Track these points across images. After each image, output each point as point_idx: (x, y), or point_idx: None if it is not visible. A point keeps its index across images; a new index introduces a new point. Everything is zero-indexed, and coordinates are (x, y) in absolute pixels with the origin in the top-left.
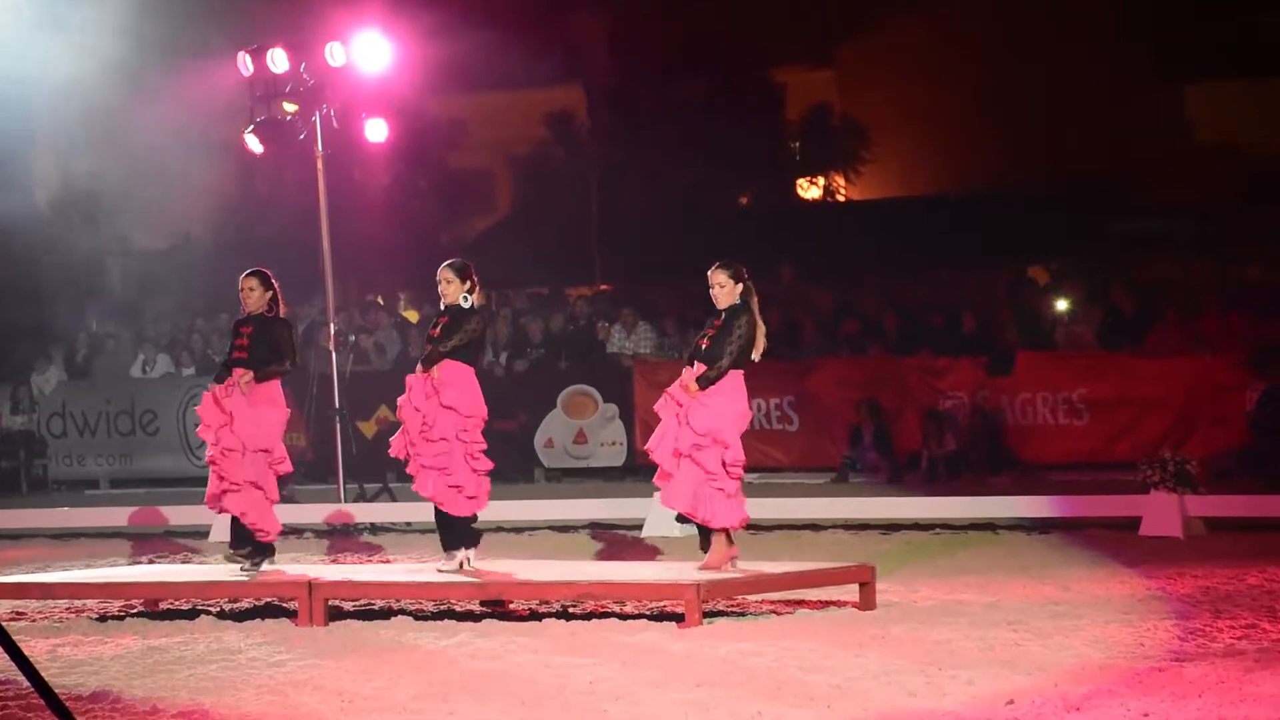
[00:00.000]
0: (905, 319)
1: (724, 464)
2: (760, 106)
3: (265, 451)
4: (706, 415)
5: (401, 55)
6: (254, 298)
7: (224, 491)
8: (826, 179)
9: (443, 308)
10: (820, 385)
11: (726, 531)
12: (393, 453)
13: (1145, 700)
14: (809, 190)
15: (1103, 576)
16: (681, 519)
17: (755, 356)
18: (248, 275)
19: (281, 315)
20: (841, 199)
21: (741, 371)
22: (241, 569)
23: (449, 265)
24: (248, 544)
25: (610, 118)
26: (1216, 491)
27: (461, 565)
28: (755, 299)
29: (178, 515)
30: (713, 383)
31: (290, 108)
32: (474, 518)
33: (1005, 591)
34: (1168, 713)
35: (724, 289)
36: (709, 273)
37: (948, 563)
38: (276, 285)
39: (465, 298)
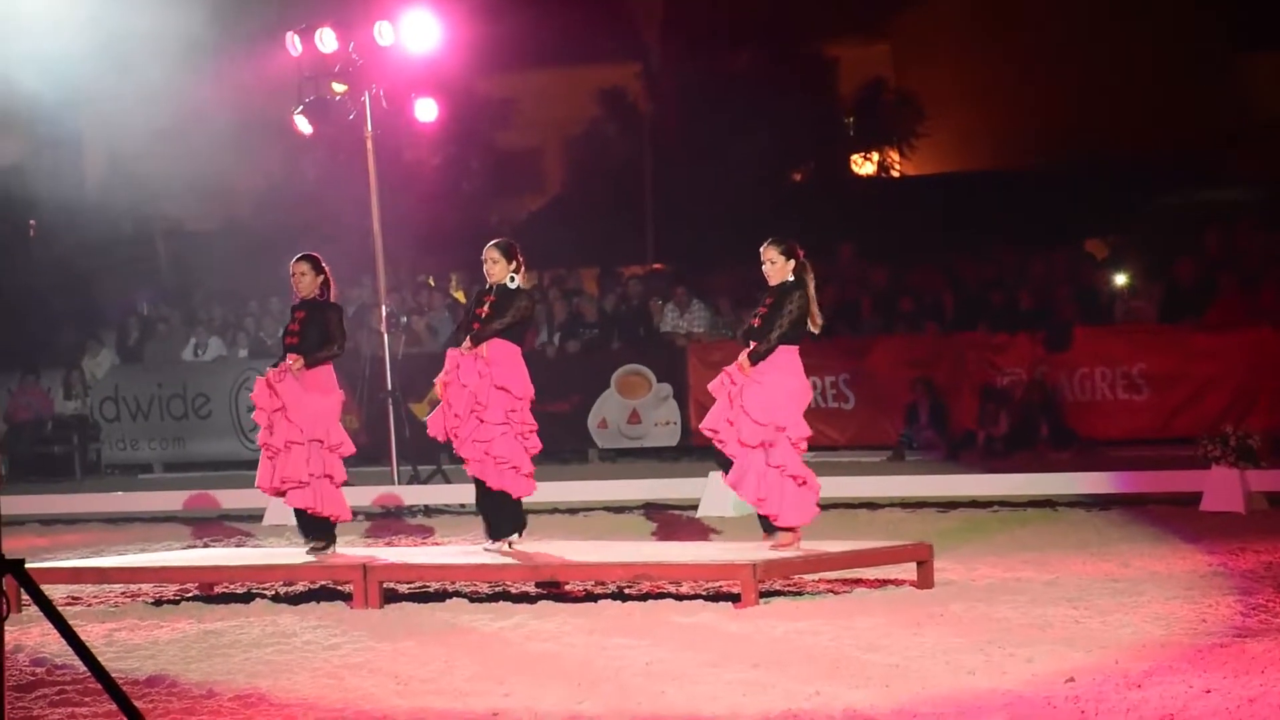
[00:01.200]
0: (962, 295)
1: (791, 444)
2: (813, 82)
3: (320, 441)
4: (761, 397)
5: (451, 33)
6: (305, 282)
7: (288, 489)
8: (881, 155)
9: (488, 287)
10: (876, 363)
11: None
12: (431, 433)
13: (1207, 677)
14: (863, 166)
15: (1163, 553)
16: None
17: (814, 330)
18: (298, 260)
19: (332, 299)
20: (896, 175)
21: (796, 348)
22: (308, 551)
23: (495, 245)
24: (317, 533)
25: (662, 94)
26: (1278, 466)
27: (510, 545)
28: (810, 275)
29: (231, 499)
30: (763, 358)
31: (339, 88)
32: (520, 501)
33: (1065, 569)
34: (1230, 689)
35: (775, 265)
36: (761, 249)
37: (1006, 540)
38: (327, 269)
39: (512, 278)
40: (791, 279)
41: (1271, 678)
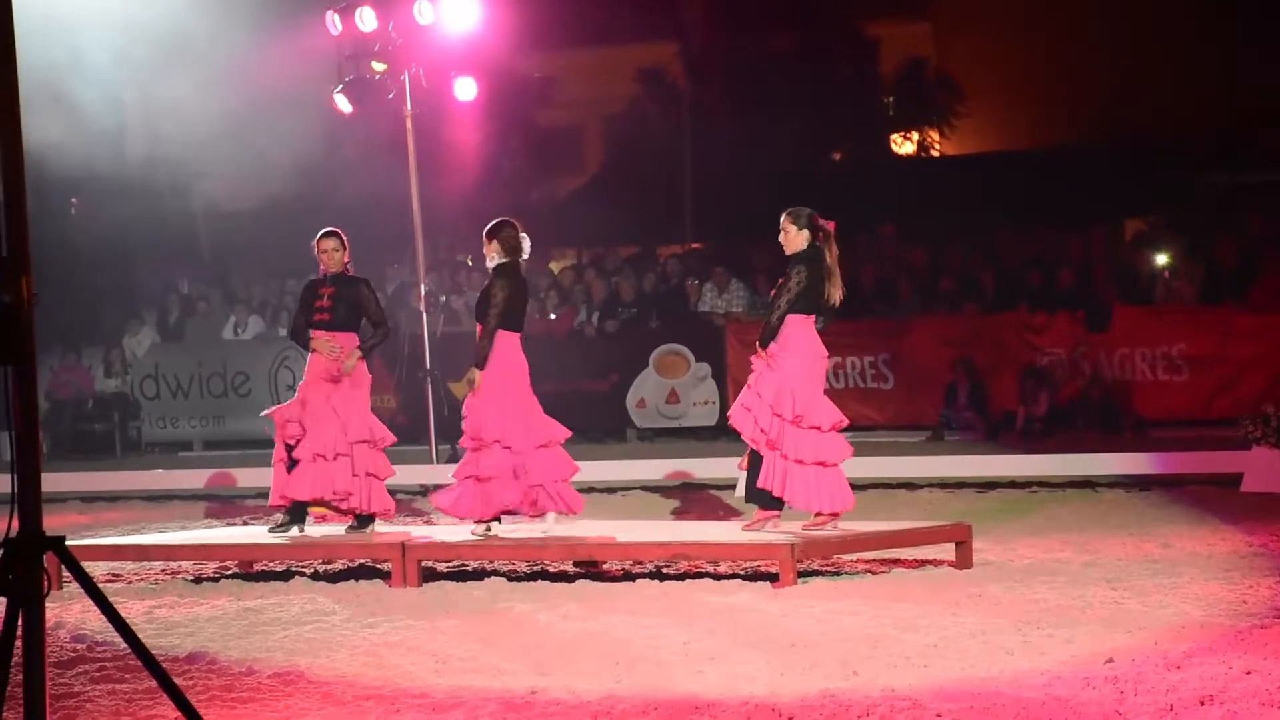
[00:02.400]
0: (1002, 275)
1: (798, 421)
2: (854, 61)
3: (366, 441)
4: (774, 383)
5: (490, 12)
6: (336, 258)
7: (340, 501)
8: (921, 134)
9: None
10: (915, 343)
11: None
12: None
13: (1247, 658)
14: (903, 146)
15: (1204, 534)
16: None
17: (834, 301)
18: (326, 235)
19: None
20: (936, 154)
21: (809, 318)
22: (346, 529)
23: (485, 230)
24: (358, 520)
25: (702, 73)
26: None
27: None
28: (831, 248)
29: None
30: (771, 337)
31: (379, 67)
32: None
33: (1104, 549)
34: (1271, 670)
35: (787, 235)
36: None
37: (1045, 521)
38: (348, 245)
39: (492, 259)
40: (804, 249)
41: None
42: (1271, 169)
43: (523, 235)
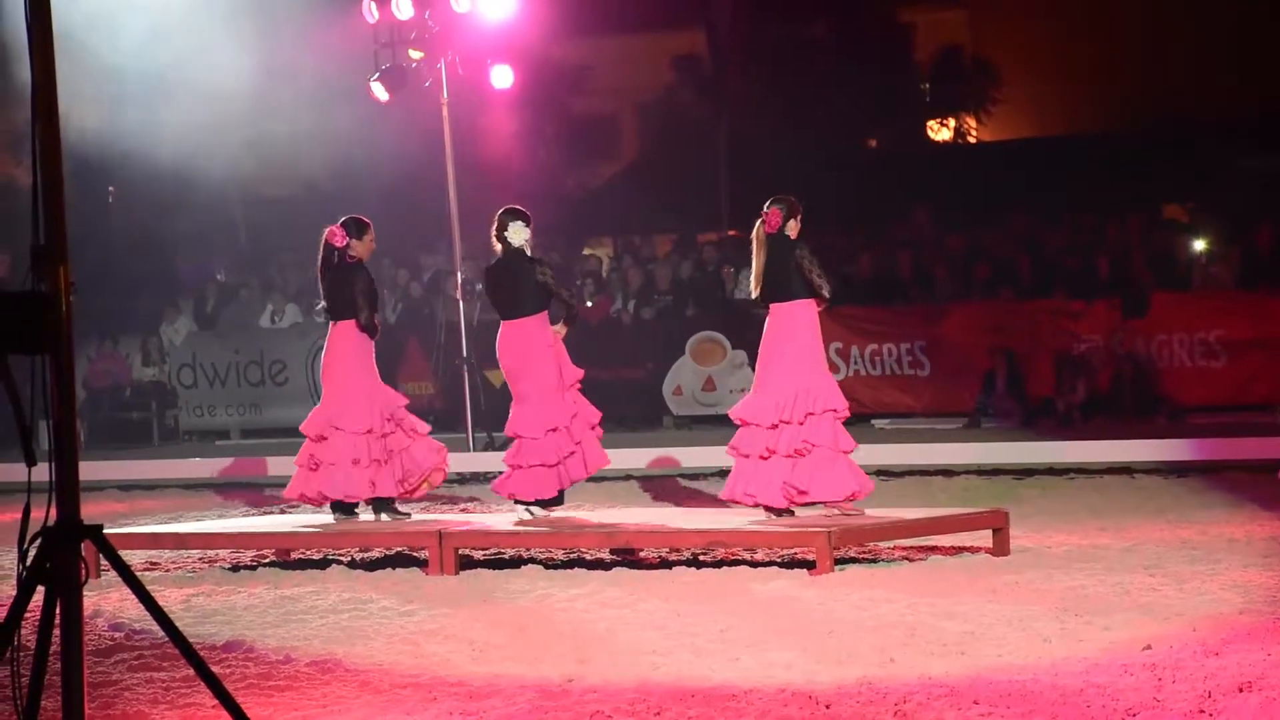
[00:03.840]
0: (1039, 261)
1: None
2: (890, 48)
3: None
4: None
5: (526, 0)
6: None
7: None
8: (958, 120)
9: None
10: (952, 330)
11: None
12: None
13: None
14: (939, 132)
15: (1241, 520)
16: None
17: (753, 293)
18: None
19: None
20: (973, 140)
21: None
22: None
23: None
24: (383, 507)
25: (736, 61)
26: None
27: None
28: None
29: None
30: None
31: (415, 55)
32: None
33: (1141, 536)
34: None
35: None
36: None
37: (1082, 507)
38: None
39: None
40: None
41: None
42: None
43: (514, 223)
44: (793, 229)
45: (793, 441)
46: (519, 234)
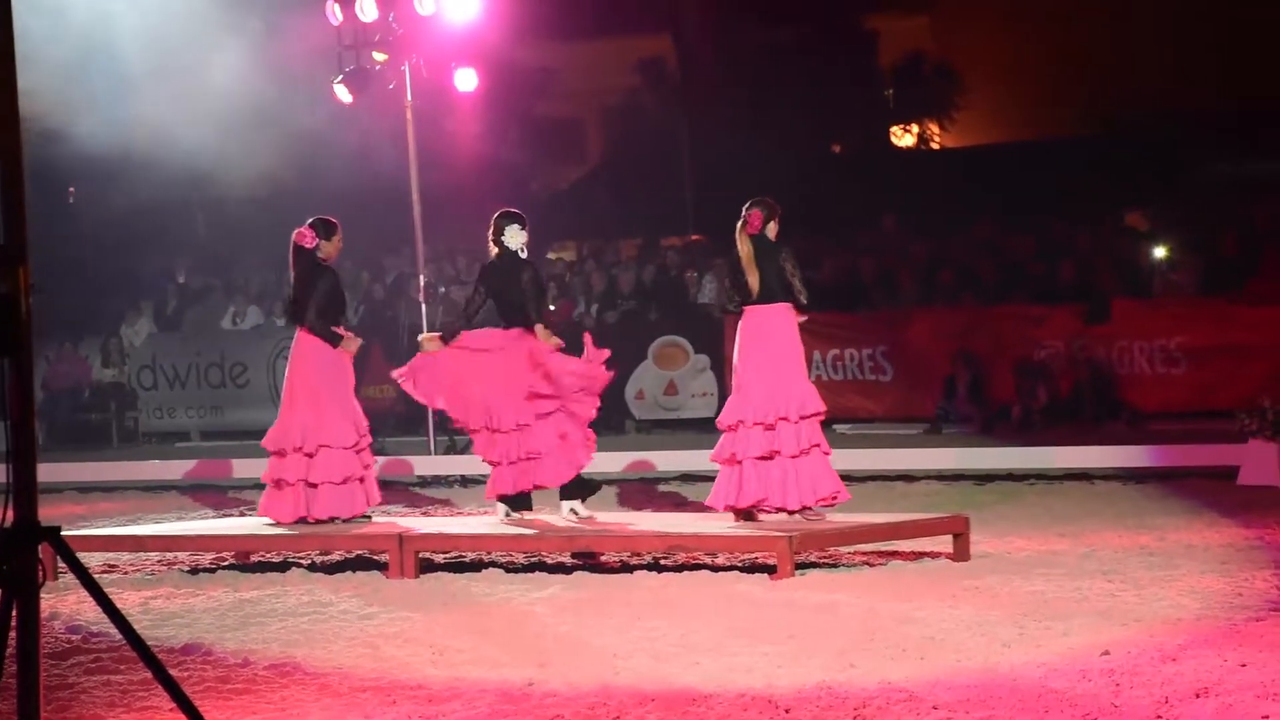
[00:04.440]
0: (1002, 267)
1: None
2: (853, 54)
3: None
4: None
5: (491, 3)
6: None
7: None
8: (921, 126)
9: None
10: (915, 335)
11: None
12: None
13: (1243, 651)
14: (903, 138)
15: (1200, 526)
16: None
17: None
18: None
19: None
20: (936, 146)
21: (785, 305)
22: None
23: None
24: None
25: (701, 65)
26: None
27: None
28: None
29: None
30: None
31: (379, 57)
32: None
33: (1100, 542)
34: (1265, 663)
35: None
36: None
37: (1042, 513)
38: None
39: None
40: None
41: None
42: (1274, 160)
43: (511, 226)
44: (773, 231)
45: (799, 441)
46: (516, 237)
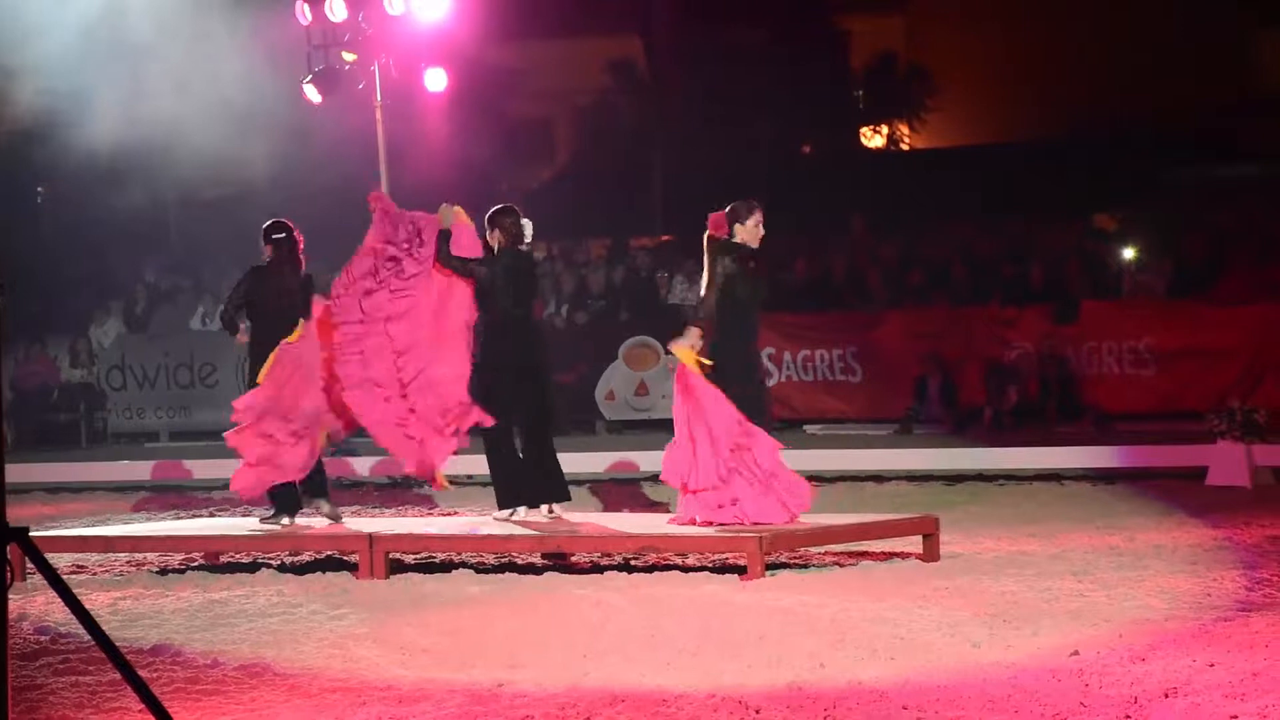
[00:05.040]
0: (972, 269)
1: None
2: (824, 54)
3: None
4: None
5: (460, 3)
6: None
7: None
8: (891, 128)
9: None
10: (885, 336)
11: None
12: None
13: (1211, 651)
14: (873, 139)
15: (1169, 527)
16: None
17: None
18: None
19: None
20: (906, 148)
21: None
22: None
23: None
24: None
25: (672, 66)
26: None
27: (511, 515)
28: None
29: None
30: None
31: (349, 57)
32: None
33: (1070, 542)
34: (1233, 663)
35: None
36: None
37: (1012, 514)
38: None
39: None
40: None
41: (1275, 652)
42: (1241, 163)
43: (525, 221)
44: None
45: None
46: (528, 230)
